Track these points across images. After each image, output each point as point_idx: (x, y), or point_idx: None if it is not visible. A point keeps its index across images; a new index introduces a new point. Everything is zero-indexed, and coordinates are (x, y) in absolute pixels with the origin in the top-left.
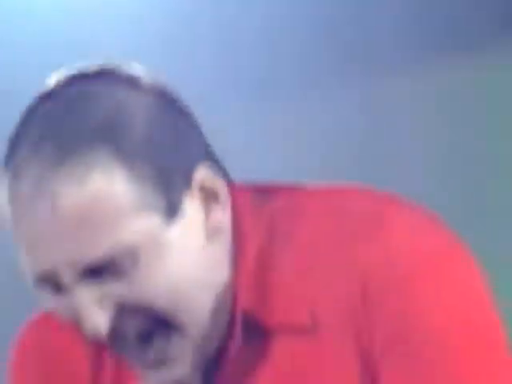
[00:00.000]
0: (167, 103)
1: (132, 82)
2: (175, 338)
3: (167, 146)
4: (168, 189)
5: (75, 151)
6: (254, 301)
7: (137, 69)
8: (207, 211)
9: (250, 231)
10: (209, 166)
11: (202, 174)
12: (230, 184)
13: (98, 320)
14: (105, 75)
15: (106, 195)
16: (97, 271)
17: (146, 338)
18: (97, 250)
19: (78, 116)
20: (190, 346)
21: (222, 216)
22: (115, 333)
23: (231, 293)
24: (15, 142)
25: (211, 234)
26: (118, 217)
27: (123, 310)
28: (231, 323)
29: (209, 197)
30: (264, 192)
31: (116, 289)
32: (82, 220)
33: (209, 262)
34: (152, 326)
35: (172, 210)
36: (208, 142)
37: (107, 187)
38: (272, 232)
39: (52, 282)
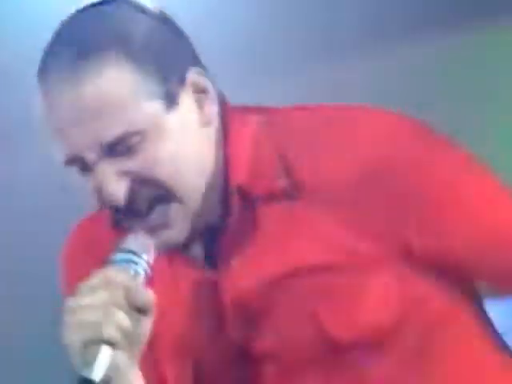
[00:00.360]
0: (167, 23)
1: (137, 5)
2: (174, 207)
3: (165, 51)
4: (166, 82)
5: (93, 51)
6: (245, 176)
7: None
8: (200, 105)
9: (241, 125)
10: (199, 69)
11: (194, 74)
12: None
13: (117, 188)
14: (116, 2)
15: (118, 85)
16: (113, 149)
17: (151, 206)
18: (111, 131)
19: (95, 25)
20: (187, 214)
21: (212, 109)
22: (128, 202)
23: (224, 173)
24: (45, 55)
25: (204, 122)
26: (127, 103)
27: (134, 183)
28: (225, 198)
29: (200, 93)
30: (251, 107)
31: (128, 164)
32: (99, 106)
33: (202, 146)
34: (156, 196)
35: (170, 100)
36: (199, 58)
37: (119, 79)
38: (260, 125)
39: (79, 164)
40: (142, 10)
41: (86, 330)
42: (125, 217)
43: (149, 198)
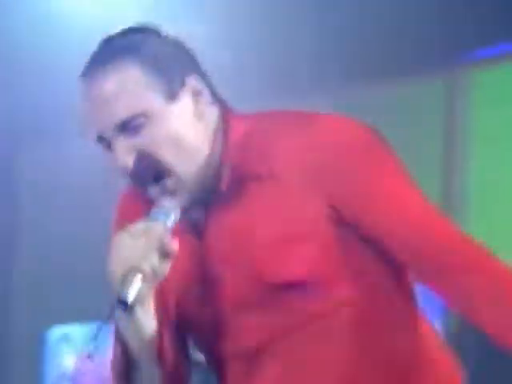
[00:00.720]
0: (174, 43)
1: (153, 31)
2: (171, 181)
3: (168, 61)
4: (169, 82)
5: (115, 59)
6: (237, 160)
7: (156, 27)
8: (196, 103)
9: (235, 126)
10: (198, 76)
11: (193, 80)
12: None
13: (126, 159)
14: (136, 28)
15: (130, 82)
16: (124, 128)
17: (155, 179)
18: (123, 114)
19: (121, 43)
20: (184, 187)
21: (206, 108)
22: (137, 172)
23: (220, 156)
24: (86, 64)
25: (198, 116)
26: (134, 94)
27: (140, 157)
28: (219, 176)
29: (197, 95)
30: (245, 113)
31: (135, 140)
32: (113, 96)
33: (198, 134)
34: (157, 171)
35: (171, 96)
36: (200, 68)
37: (130, 78)
38: (250, 125)
39: (104, 143)
40: (157, 35)
41: (128, 263)
42: (134, 185)
43: (152, 171)
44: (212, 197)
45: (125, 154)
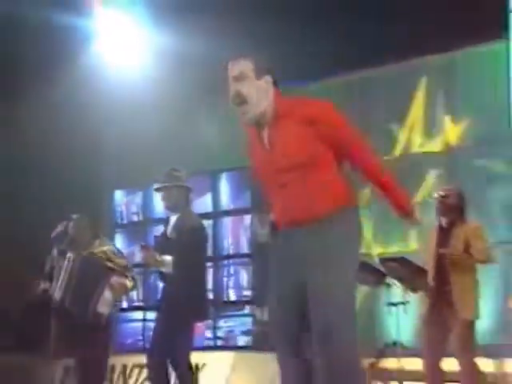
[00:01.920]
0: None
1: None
2: (248, 106)
3: (264, 65)
4: (259, 72)
5: (242, 59)
6: (276, 110)
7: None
8: (265, 85)
9: (278, 98)
10: (270, 76)
11: (268, 77)
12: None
13: (233, 92)
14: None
15: (245, 64)
16: (236, 79)
17: (239, 104)
18: (236, 71)
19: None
20: (253, 112)
21: (268, 88)
22: (234, 98)
23: (269, 109)
24: None
25: (264, 90)
26: (244, 68)
27: (238, 92)
28: (269, 115)
29: (268, 82)
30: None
31: (238, 85)
32: (238, 74)
33: (261, 95)
34: (242, 100)
35: (258, 77)
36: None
37: (245, 64)
38: (284, 99)
39: (232, 87)
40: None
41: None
42: (233, 104)
43: (239, 99)
44: (266, 122)
45: (233, 90)
